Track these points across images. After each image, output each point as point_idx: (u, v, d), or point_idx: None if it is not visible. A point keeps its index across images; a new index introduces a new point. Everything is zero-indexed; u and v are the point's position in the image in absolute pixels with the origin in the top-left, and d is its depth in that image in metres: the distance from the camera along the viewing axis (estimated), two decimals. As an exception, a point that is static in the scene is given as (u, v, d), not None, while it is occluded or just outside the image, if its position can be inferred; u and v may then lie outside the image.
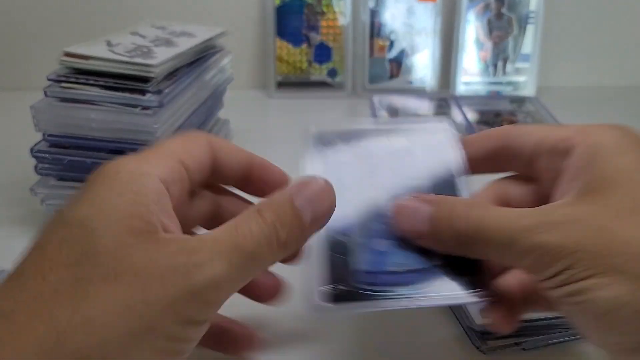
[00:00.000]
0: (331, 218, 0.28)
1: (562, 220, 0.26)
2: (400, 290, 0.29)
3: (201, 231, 0.32)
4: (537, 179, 0.32)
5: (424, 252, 0.30)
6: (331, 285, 0.28)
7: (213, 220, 0.32)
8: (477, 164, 0.33)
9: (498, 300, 0.30)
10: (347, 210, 0.31)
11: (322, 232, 0.29)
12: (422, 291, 0.29)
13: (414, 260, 0.30)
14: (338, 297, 0.28)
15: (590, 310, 0.25)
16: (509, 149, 0.33)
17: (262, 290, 0.33)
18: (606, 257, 0.25)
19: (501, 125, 0.71)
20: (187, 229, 0.30)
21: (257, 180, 0.32)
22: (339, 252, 0.29)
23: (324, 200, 0.28)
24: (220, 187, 0.33)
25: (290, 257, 0.31)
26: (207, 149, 0.30)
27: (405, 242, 0.30)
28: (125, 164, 0.26)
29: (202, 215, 0.32)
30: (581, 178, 0.28)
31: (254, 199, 0.32)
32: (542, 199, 0.31)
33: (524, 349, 0.36)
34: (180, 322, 0.23)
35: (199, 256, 0.24)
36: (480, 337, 0.36)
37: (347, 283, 0.28)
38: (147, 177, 0.26)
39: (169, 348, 0.23)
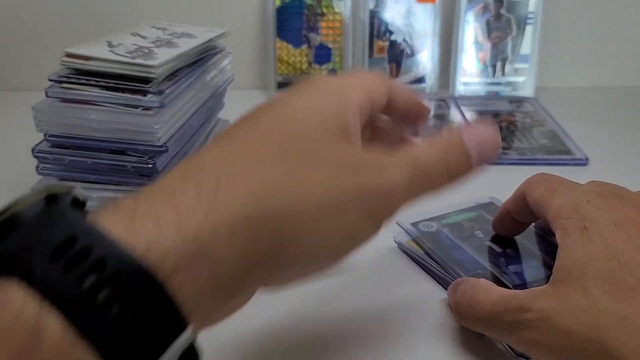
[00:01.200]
0: None
1: (535, 317, 0.31)
2: None
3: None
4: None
5: None
6: None
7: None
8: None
9: None
10: None
11: None
12: None
13: None
14: None
15: None
16: (521, 211, 0.40)
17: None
18: (569, 356, 0.30)
19: (500, 126, 0.72)
20: None
21: (406, 113, 0.35)
22: None
23: (490, 143, 0.30)
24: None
25: None
26: (385, 90, 0.32)
27: None
28: (329, 80, 0.29)
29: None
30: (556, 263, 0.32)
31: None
32: None
33: None
34: (365, 216, 0.26)
35: (385, 161, 0.27)
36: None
37: None
38: (348, 94, 0.28)
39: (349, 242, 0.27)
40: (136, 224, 0.21)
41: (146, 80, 0.49)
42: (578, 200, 0.34)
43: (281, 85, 0.82)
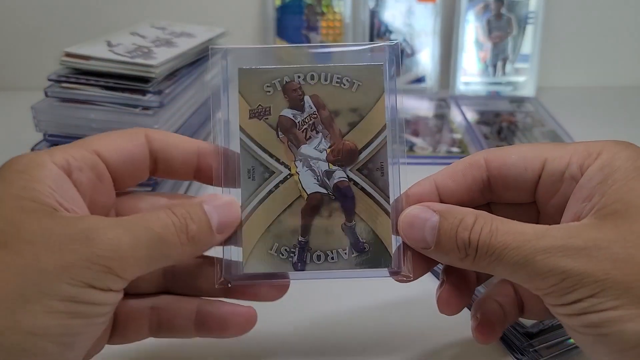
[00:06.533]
0: None
1: (586, 245, 0.25)
2: None
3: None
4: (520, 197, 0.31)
5: None
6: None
7: None
8: (462, 196, 0.31)
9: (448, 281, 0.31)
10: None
11: None
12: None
13: None
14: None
15: (615, 343, 0.24)
16: (503, 179, 0.30)
17: (232, 322, 0.32)
18: (635, 288, 0.24)
19: (501, 125, 0.72)
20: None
21: (209, 169, 0.31)
22: None
23: (230, 212, 0.29)
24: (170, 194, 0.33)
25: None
26: (138, 142, 0.30)
27: None
28: (24, 157, 0.27)
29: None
30: (596, 198, 0.26)
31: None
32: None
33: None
34: (79, 286, 0.24)
35: (101, 226, 0.25)
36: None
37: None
38: (42, 166, 0.27)
39: (71, 310, 0.24)
40: None
41: (145, 80, 0.49)
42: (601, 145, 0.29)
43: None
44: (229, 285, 0.30)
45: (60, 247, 0.24)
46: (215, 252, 0.30)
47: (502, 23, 0.79)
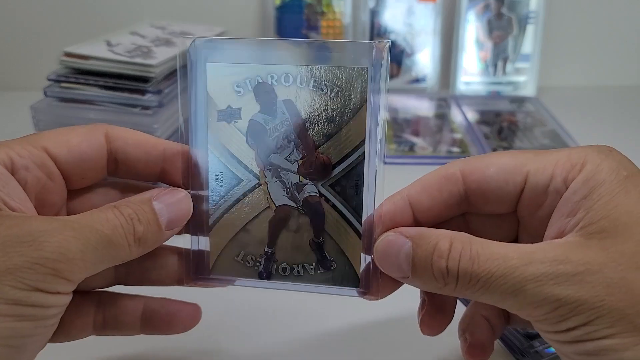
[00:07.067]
0: None
1: (577, 270, 0.23)
2: None
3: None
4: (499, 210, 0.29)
5: None
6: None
7: None
8: (438, 212, 0.29)
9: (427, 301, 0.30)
10: None
11: None
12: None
13: None
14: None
15: None
16: (483, 193, 0.28)
17: (179, 319, 0.32)
18: (631, 315, 0.23)
19: (501, 125, 0.71)
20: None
21: (176, 172, 0.30)
22: None
23: (181, 209, 0.28)
24: (130, 183, 0.32)
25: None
26: (94, 140, 0.29)
27: None
28: None
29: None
30: (581, 214, 0.25)
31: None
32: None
33: None
34: (25, 289, 0.23)
35: (49, 228, 0.24)
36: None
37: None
38: None
39: (18, 313, 0.23)
40: None
41: (145, 80, 0.49)
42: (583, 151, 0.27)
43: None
44: (196, 284, 0.30)
45: (5, 250, 0.23)
46: (183, 243, 0.30)
47: (503, 23, 0.78)
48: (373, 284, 0.28)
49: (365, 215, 0.28)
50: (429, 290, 0.27)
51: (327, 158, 0.28)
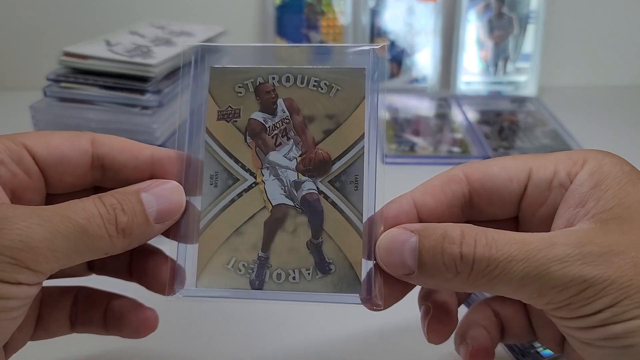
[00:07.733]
0: None
1: (603, 250, 0.23)
2: None
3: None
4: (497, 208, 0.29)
5: None
6: None
7: None
8: (442, 214, 0.28)
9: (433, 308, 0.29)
10: None
11: None
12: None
13: None
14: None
15: None
16: (487, 192, 0.28)
17: (135, 325, 0.31)
18: None
19: (502, 125, 0.71)
20: None
21: (166, 176, 0.29)
22: None
23: (172, 199, 0.27)
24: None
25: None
26: (78, 144, 0.28)
27: None
28: None
29: None
30: (591, 203, 0.25)
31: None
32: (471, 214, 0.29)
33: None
34: None
35: (11, 214, 0.23)
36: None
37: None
38: None
39: None
40: None
41: (144, 79, 0.49)
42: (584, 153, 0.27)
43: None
44: (180, 299, 0.28)
45: None
46: (169, 251, 0.29)
47: (503, 22, 0.78)
48: (376, 289, 0.27)
49: (367, 214, 0.28)
50: (435, 287, 0.27)
51: (326, 153, 0.28)
